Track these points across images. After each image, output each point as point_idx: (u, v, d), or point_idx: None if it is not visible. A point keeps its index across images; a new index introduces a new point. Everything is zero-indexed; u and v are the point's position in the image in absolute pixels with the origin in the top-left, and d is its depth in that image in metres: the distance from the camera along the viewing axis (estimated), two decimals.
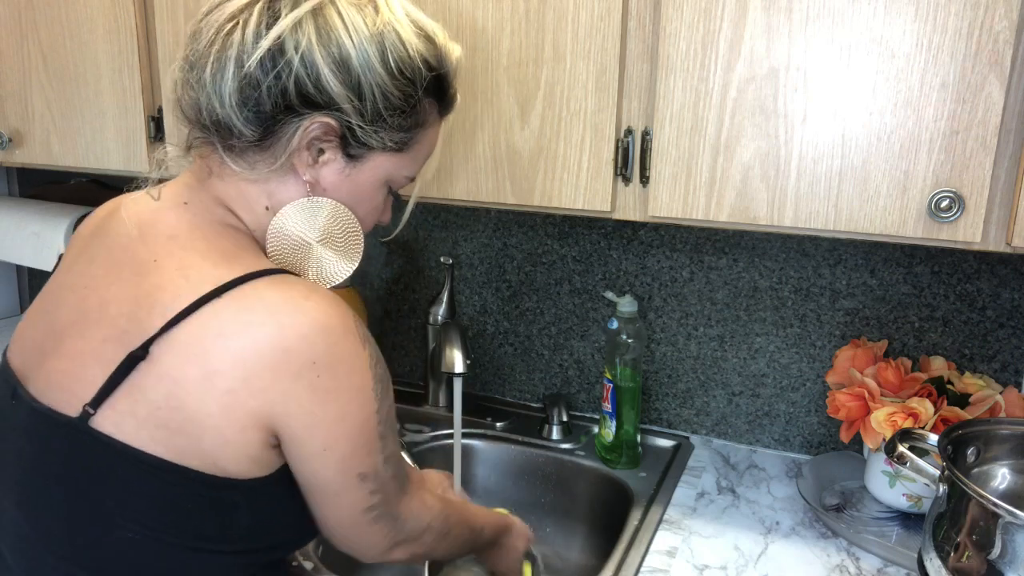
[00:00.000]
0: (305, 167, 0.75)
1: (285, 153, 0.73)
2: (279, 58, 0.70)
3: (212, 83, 0.72)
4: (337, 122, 0.73)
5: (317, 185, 0.76)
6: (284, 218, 0.76)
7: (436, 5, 1.02)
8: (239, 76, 0.71)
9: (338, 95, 0.72)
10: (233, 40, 0.71)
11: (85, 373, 0.69)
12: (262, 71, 0.70)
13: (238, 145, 0.73)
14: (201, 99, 0.73)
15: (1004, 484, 0.95)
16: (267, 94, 0.71)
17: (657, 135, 0.94)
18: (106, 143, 1.32)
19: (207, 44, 0.72)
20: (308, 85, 0.71)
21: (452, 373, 1.25)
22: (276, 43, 0.70)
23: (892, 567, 1.03)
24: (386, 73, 0.73)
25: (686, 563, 1.04)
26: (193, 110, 0.75)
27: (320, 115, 0.72)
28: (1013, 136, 0.82)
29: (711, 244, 1.31)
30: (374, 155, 0.77)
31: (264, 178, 0.75)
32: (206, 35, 0.72)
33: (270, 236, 0.77)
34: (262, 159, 0.74)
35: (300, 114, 0.72)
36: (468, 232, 1.48)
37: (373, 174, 0.78)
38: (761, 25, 0.87)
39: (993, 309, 1.17)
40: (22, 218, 1.76)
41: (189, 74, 0.74)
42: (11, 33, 1.35)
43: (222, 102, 0.72)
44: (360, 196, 0.79)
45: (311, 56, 0.70)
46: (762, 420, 1.34)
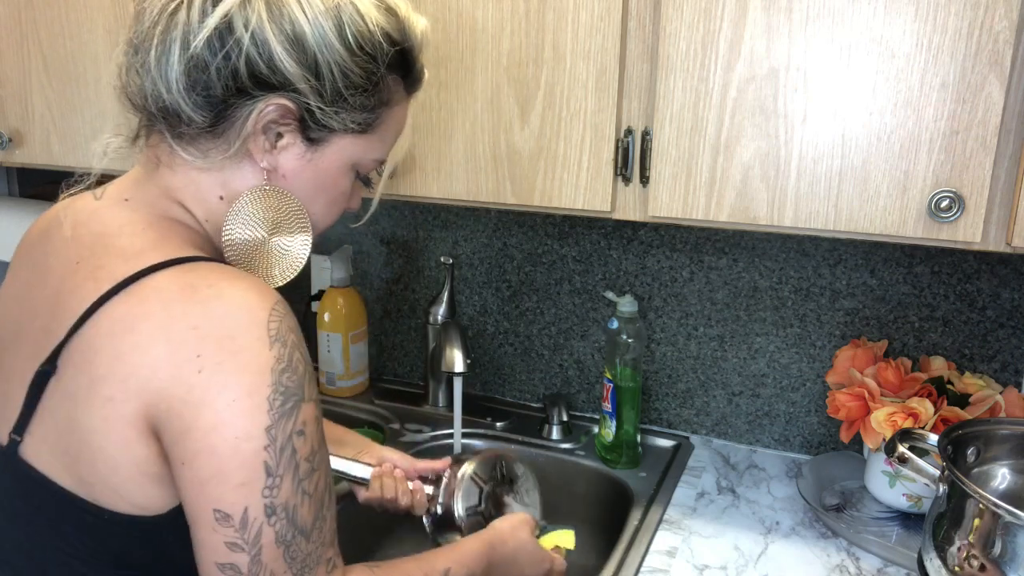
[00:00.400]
0: (262, 153, 0.69)
1: (239, 139, 0.67)
2: (227, 37, 0.64)
3: (157, 67, 0.66)
4: (294, 104, 0.67)
5: (275, 172, 0.70)
6: (230, 228, 0.70)
7: (436, 5, 1.02)
8: (185, 58, 0.65)
9: (293, 75, 0.66)
10: (178, 20, 0.65)
11: (11, 396, 0.63)
12: (210, 52, 0.64)
13: (188, 132, 0.68)
14: (146, 84, 0.67)
15: (1004, 484, 0.95)
16: (216, 76, 0.65)
17: (657, 135, 0.94)
18: None
19: (150, 25, 0.66)
20: (260, 65, 0.65)
21: (452, 373, 1.25)
22: (223, 21, 0.64)
23: (892, 567, 1.03)
24: (344, 49, 0.67)
25: (686, 563, 1.04)
26: (139, 96, 0.69)
27: (275, 97, 0.66)
28: (1013, 136, 0.82)
29: (711, 244, 1.31)
30: (336, 138, 0.71)
31: (218, 166, 0.69)
32: (149, 15, 0.67)
33: (226, 250, 0.71)
34: (215, 146, 0.68)
35: (253, 96, 0.66)
36: (468, 232, 1.48)
37: (337, 158, 0.72)
38: (761, 25, 0.87)
39: (993, 309, 1.17)
40: (22, 218, 1.76)
41: (133, 58, 0.68)
42: (11, 33, 1.35)
43: (168, 87, 0.66)
44: (323, 182, 0.73)
45: (262, 34, 0.64)
46: (762, 420, 1.34)
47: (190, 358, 0.58)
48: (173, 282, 0.61)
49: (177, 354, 0.58)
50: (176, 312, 0.59)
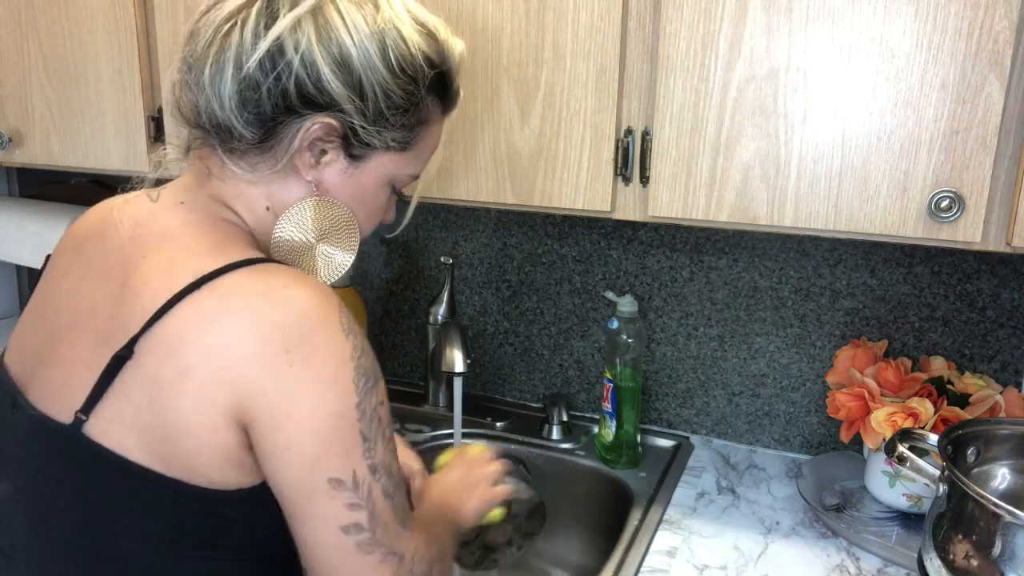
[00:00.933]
0: (307, 168, 0.74)
1: (287, 155, 0.72)
2: (279, 59, 0.68)
3: (211, 85, 0.70)
4: (339, 122, 0.71)
5: (320, 186, 0.75)
6: (281, 228, 0.75)
7: (436, 5, 1.02)
8: (238, 78, 0.69)
9: (339, 95, 0.70)
10: (231, 41, 0.69)
11: (76, 379, 0.67)
12: (262, 72, 0.69)
13: (239, 147, 0.72)
14: (200, 101, 0.72)
15: (1004, 484, 0.95)
16: (267, 96, 0.69)
17: (657, 135, 0.94)
18: (106, 143, 1.32)
19: (205, 45, 0.70)
20: (309, 86, 0.69)
21: (452, 373, 1.25)
22: (275, 44, 0.68)
23: (892, 567, 1.03)
24: (388, 72, 0.71)
25: (686, 563, 1.04)
26: (192, 112, 0.73)
27: (321, 116, 0.71)
28: (1013, 136, 0.82)
29: (711, 244, 1.31)
30: (377, 154, 0.76)
31: (265, 180, 0.74)
32: (204, 35, 0.71)
33: (273, 247, 0.76)
34: (263, 161, 0.73)
35: (301, 115, 0.70)
36: (468, 232, 1.48)
37: (376, 174, 0.77)
38: (761, 25, 0.87)
39: (993, 309, 1.17)
40: (22, 218, 1.76)
41: (187, 76, 0.72)
42: (11, 33, 1.35)
43: (222, 104, 0.70)
44: (363, 196, 0.78)
45: (311, 56, 0.68)
46: (762, 420, 1.34)
47: (279, 354, 0.63)
48: (252, 281, 0.66)
49: (266, 350, 0.63)
50: (260, 310, 0.64)
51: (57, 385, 0.69)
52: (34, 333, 0.75)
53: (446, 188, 1.07)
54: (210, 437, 0.64)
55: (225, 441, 0.65)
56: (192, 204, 0.74)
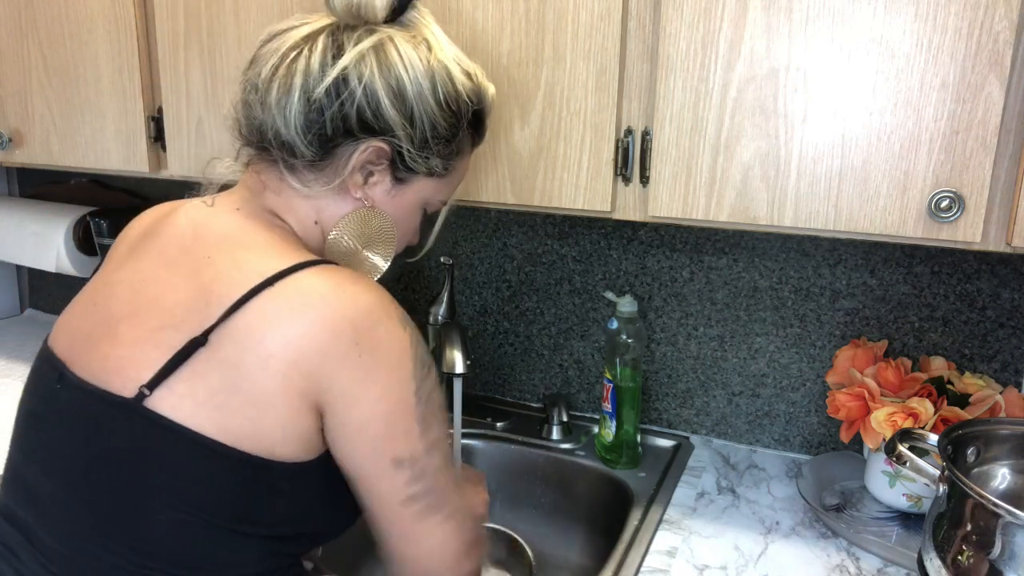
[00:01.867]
0: (356, 187, 0.82)
1: (341, 175, 0.80)
2: (343, 88, 0.77)
3: (278, 106, 0.78)
4: (389, 147, 0.80)
5: (366, 205, 0.83)
6: (339, 235, 0.83)
7: (436, 5, 1.02)
8: (305, 102, 0.77)
9: (394, 122, 0.78)
10: (298, 68, 0.77)
11: (142, 357, 0.72)
12: (327, 99, 0.77)
13: (298, 165, 0.80)
14: (266, 121, 0.79)
15: (1004, 484, 0.95)
16: (330, 119, 0.77)
17: (657, 135, 0.94)
18: (106, 143, 1.32)
19: (271, 70, 0.78)
20: (367, 112, 0.77)
21: (452, 373, 1.25)
22: (342, 74, 0.77)
23: (892, 567, 1.03)
24: (436, 105, 0.80)
25: (686, 563, 1.04)
26: (255, 131, 0.81)
27: (375, 140, 0.79)
28: (1013, 136, 0.82)
29: (711, 244, 1.31)
30: (418, 179, 0.84)
31: (316, 196, 0.81)
32: (270, 61, 0.79)
33: (328, 248, 0.84)
34: (317, 178, 0.80)
35: (357, 138, 0.78)
36: (468, 232, 1.48)
37: (415, 197, 0.85)
38: (761, 25, 0.87)
39: (993, 309, 1.17)
40: (22, 218, 1.76)
41: (252, 96, 0.80)
42: (11, 33, 1.35)
43: (287, 124, 0.78)
44: (401, 217, 0.86)
45: (372, 86, 0.77)
46: (762, 420, 1.34)
47: (351, 345, 0.71)
48: (322, 280, 0.73)
49: (340, 342, 0.71)
50: (332, 306, 0.71)
51: (117, 362, 0.74)
52: (84, 318, 0.80)
53: None
54: (293, 418, 0.71)
55: (302, 421, 0.72)
56: (247, 211, 0.81)
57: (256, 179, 0.83)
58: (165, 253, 0.79)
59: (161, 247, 0.80)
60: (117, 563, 0.72)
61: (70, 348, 0.79)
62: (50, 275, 2.00)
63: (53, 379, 0.78)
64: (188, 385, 0.71)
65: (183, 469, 0.71)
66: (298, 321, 0.71)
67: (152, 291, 0.76)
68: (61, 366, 0.77)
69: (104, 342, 0.76)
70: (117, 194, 1.84)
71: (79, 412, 0.75)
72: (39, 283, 2.06)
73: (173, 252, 0.79)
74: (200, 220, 0.81)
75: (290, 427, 0.72)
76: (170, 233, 0.81)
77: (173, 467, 0.71)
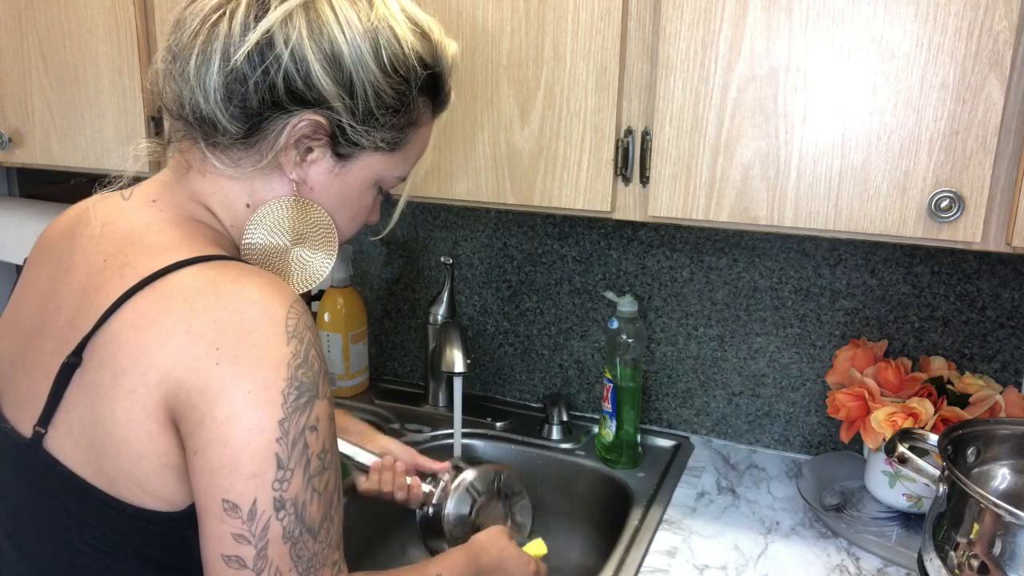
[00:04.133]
0: (292, 166, 0.71)
1: (272, 151, 0.69)
2: (268, 52, 0.66)
3: (196, 76, 0.67)
4: (327, 120, 0.69)
5: (304, 184, 0.72)
6: (252, 231, 0.72)
7: (436, 5, 1.02)
8: (225, 70, 0.66)
9: (329, 92, 0.68)
10: (219, 31, 0.67)
11: (35, 389, 0.64)
12: (249, 65, 0.66)
13: (222, 142, 0.69)
14: (184, 92, 0.69)
15: (1004, 484, 0.95)
16: (254, 89, 0.67)
17: (657, 135, 0.94)
18: (106, 143, 1.32)
19: (191, 35, 0.68)
20: (297, 81, 0.67)
21: (452, 373, 1.25)
22: (265, 36, 0.66)
23: (892, 567, 1.03)
24: (379, 71, 0.69)
25: (686, 563, 1.04)
26: (175, 104, 0.70)
27: (309, 112, 0.68)
28: (1013, 136, 0.82)
29: (711, 244, 1.31)
30: (364, 154, 0.73)
31: (247, 176, 0.71)
32: (190, 25, 0.68)
33: (244, 252, 0.72)
34: (247, 156, 0.70)
35: (288, 111, 0.68)
36: (468, 232, 1.48)
37: (363, 174, 0.74)
38: (761, 25, 0.87)
39: (993, 309, 1.17)
40: (22, 218, 1.76)
41: (172, 65, 0.69)
42: (11, 33, 1.35)
43: (207, 96, 0.67)
44: (348, 196, 0.75)
45: (301, 51, 0.66)
46: (762, 420, 1.34)
47: (209, 350, 0.59)
48: (196, 279, 0.62)
49: (196, 347, 0.59)
50: (198, 307, 0.60)
51: (23, 394, 0.66)
52: (10, 339, 0.72)
53: (446, 188, 1.07)
54: (146, 446, 0.60)
55: (161, 448, 0.60)
56: (164, 203, 0.71)
57: (181, 160, 0.73)
58: (72, 258, 0.69)
59: (71, 251, 0.70)
60: None
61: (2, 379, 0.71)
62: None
63: None
64: (66, 421, 0.61)
65: (83, 516, 0.62)
66: (156, 327, 0.60)
67: (53, 305, 0.68)
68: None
69: (19, 370, 0.68)
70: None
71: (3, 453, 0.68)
72: None
73: (76, 258, 0.69)
74: (110, 218, 0.71)
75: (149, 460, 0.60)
76: (80, 233, 0.71)
77: (74, 514, 0.62)
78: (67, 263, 0.70)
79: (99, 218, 0.71)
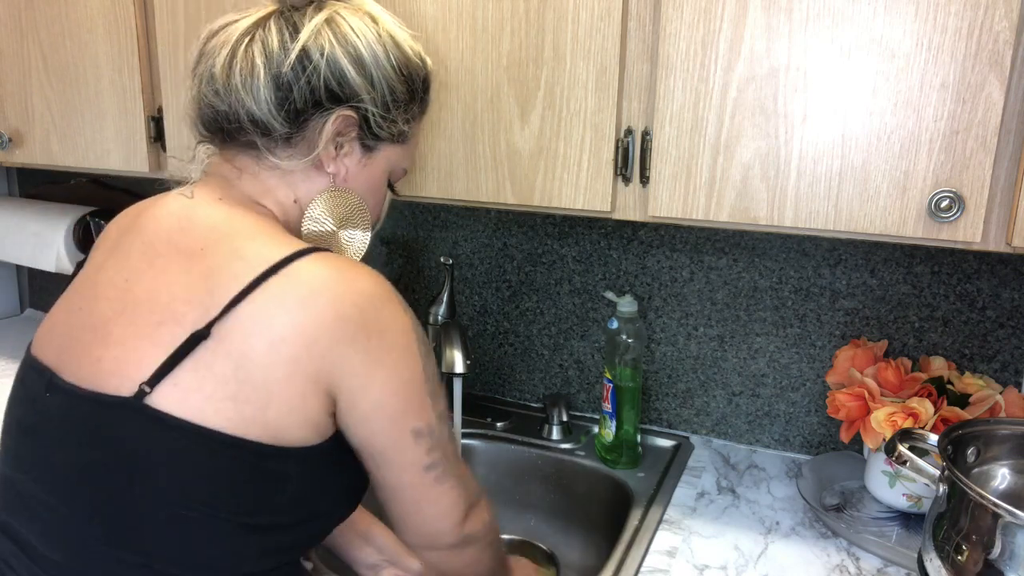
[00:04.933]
0: (330, 160, 0.85)
1: (315, 148, 0.83)
2: (307, 62, 0.80)
3: (245, 89, 0.80)
4: (356, 114, 0.83)
5: (339, 177, 0.86)
6: (306, 223, 0.86)
7: (436, 5, 1.02)
8: (273, 80, 0.80)
9: (359, 87, 0.82)
10: (255, 51, 0.80)
11: (139, 355, 0.72)
12: (293, 74, 0.80)
13: (276, 142, 0.82)
14: (235, 106, 0.81)
15: (1004, 484, 0.95)
16: (299, 93, 0.80)
17: (657, 135, 0.94)
18: (106, 143, 1.32)
19: (226, 58, 0.81)
20: (333, 82, 0.81)
21: (452, 373, 1.25)
22: (304, 49, 0.80)
23: (892, 567, 1.03)
24: (392, 69, 0.84)
25: (686, 563, 1.04)
26: (226, 119, 0.82)
27: (342, 108, 0.82)
28: (1013, 136, 0.82)
29: (711, 244, 1.31)
30: (383, 146, 0.88)
31: (293, 174, 0.84)
32: (222, 53, 0.81)
33: (305, 239, 0.84)
34: (293, 154, 0.83)
35: (326, 108, 0.82)
36: (468, 232, 1.48)
37: (382, 165, 0.89)
38: (761, 25, 0.87)
39: (993, 309, 1.17)
40: (22, 218, 1.76)
41: (207, 88, 0.82)
42: (11, 33, 1.35)
43: (258, 104, 0.80)
44: (372, 186, 0.89)
45: (334, 56, 0.81)
46: (762, 420, 1.34)
47: (360, 330, 0.74)
48: (323, 267, 0.75)
49: (348, 327, 0.73)
50: (339, 292, 0.74)
51: (113, 363, 0.73)
52: (69, 323, 0.80)
53: (446, 188, 1.07)
54: (301, 402, 0.73)
55: (311, 405, 0.73)
56: (230, 200, 0.82)
57: (230, 167, 0.85)
58: (151, 249, 0.79)
59: (145, 243, 0.80)
60: (114, 568, 0.71)
61: (58, 355, 0.78)
62: (50, 275, 1.99)
63: (41, 387, 0.77)
64: (194, 378, 0.71)
65: (186, 464, 0.70)
66: (307, 308, 0.72)
67: (141, 288, 0.76)
68: (49, 374, 0.77)
69: (95, 345, 0.75)
70: (117, 194, 1.84)
71: (71, 418, 0.74)
72: (39, 283, 2.06)
73: (160, 247, 0.78)
74: (183, 213, 0.81)
75: (299, 412, 0.73)
76: (152, 228, 0.81)
77: (177, 464, 0.70)
78: (145, 254, 0.79)
79: (172, 215, 0.81)
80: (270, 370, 0.71)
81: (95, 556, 0.72)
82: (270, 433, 0.72)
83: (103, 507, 0.71)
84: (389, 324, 0.76)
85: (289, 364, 0.71)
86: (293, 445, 0.73)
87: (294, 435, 0.73)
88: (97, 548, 0.71)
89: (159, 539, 0.71)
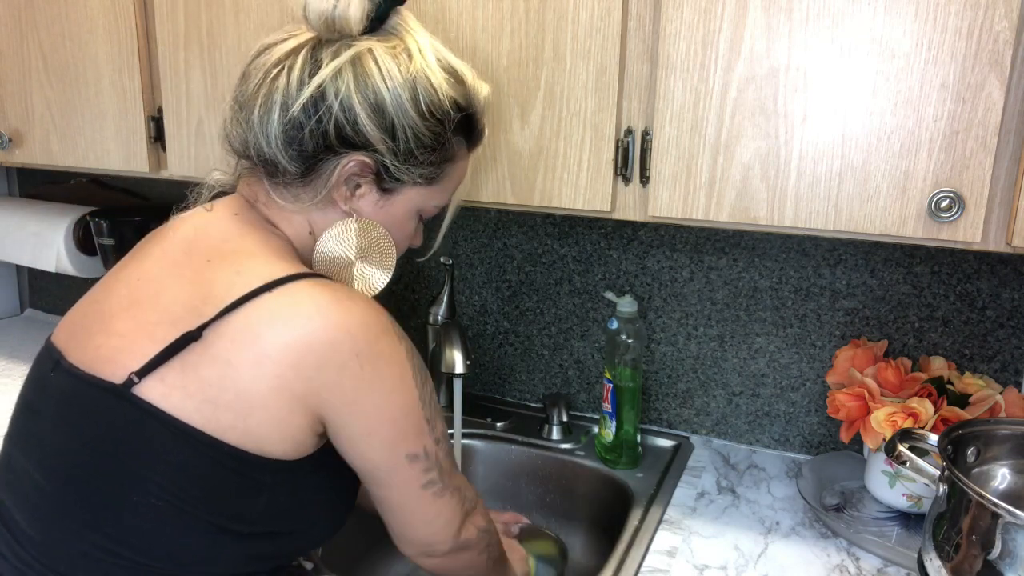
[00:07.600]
0: (344, 200, 0.83)
1: (325, 188, 0.81)
2: (320, 104, 0.77)
3: (260, 124, 0.79)
4: (372, 160, 0.80)
5: (355, 215, 0.84)
6: (325, 242, 0.84)
7: (436, 5, 1.02)
8: (284, 119, 0.78)
9: (374, 137, 0.79)
10: (278, 85, 0.78)
11: (134, 347, 0.74)
12: (305, 115, 0.78)
13: (283, 180, 0.81)
14: (249, 138, 0.81)
15: (1004, 484, 0.95)
16: (309, 136, 0.78)
17: (657, 135, 0.94)
18: (106, 143, 1.32)
19: (255, 87, 0.80)
20: (346, 128, 0.78)
21: (452, 373, 1.25)
22: (318, 90, 0.77)
23: (892, 567, 1.03)
24: (418, 115, 0.80)
25: (686, 563, 1.04)
26: (241, 146, 0.83)
27: (357, 154, 0.79)
28: (1013, 136, 0.82)
29: (711, 244, 1.31)
30: (406, 188, 0.84)
31: (306, 209, 0.83)
32: (255, 78, 0.80)
33: (316, 260, 0.84)
34: (304, 192, 0.82)
35: (339, 153, 0.79)
36: (468, 232, 1.48)
37: (405, 206, 0.86)
38: (761, 25, 0.87)
39: (993, 309, 1.17)
40: (22, 218, 1.76)
41: (238, 114, 0.82)
42: (11, 33, 1.35)
43: (268, 142, 0.79)
44: (392, 224, 0.86)
45: (349, 102, 0.77)
46: (762, 420, 1.34)
47: (352, 357, 0.73)
48: (320, 291, 0.74)
49: (338, 353, 0.73)
50: (332, 318, 0.73)
51: (110, 351, 0.75)
52: (84, 313, 0.82)
53: None
54: (286, 417, 0.73)
55: (294, 422, 0.74)
56: (245, 218, 0.83)
57: (250, 192, 0.85)
58: (166, 256, 0.81)
59: (163, 249, 0.82)
60: (87, 550, 0.72)
61: (67, 339, 0.80)
62: (50, 275, 2.00)
63: (48, 368, 0.79)
64: (179, 376, 0.72)
65: (166, 457, 0.72)
66: (297, 328, 0.72)
67: (149, 289, 0.78)
68: (57, 355, 0.79)
69: (99, 333, 0.77)
70: (117, 194, 1.84)
71: (68, 398, 0.76)
72: (39, 283, 2.06)
73: (175, 254, 0.80)
74: (200, 225, 0.82)
75: (282, 426, 0.73)
76: (172, 237, 0.83)
77: (156, 454, 0.72)
78: (159, 259, 0.81)
79: (189, 227, 0.83)
80: (254, 382, 0.71)
81: (69, 538, 0.73)
82: (250, 441, 0.73)
83: (82, 489, 0.73)
84: (383, 353, 0.76)
85: (273, 380, 0.72)
86: (272, 456, 0.74)
87: (274, 447, 0.74)
88: (75, 530, 0.73)
89: (130, 527, 0.72)
